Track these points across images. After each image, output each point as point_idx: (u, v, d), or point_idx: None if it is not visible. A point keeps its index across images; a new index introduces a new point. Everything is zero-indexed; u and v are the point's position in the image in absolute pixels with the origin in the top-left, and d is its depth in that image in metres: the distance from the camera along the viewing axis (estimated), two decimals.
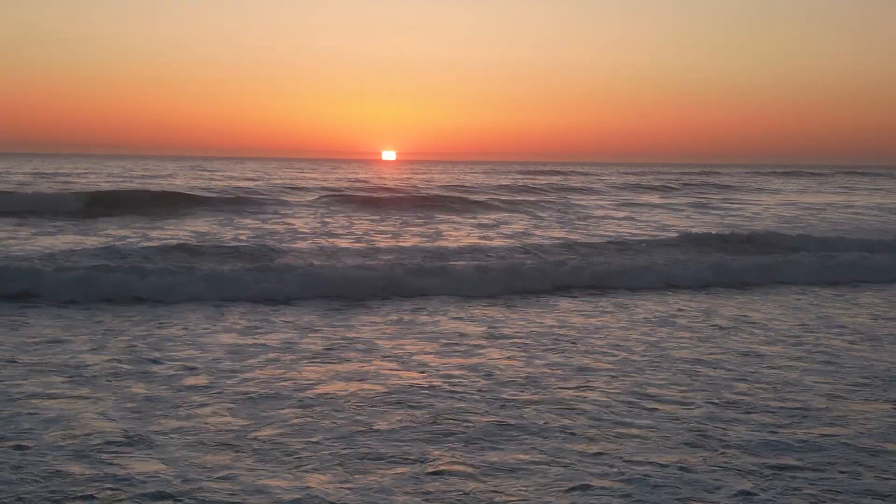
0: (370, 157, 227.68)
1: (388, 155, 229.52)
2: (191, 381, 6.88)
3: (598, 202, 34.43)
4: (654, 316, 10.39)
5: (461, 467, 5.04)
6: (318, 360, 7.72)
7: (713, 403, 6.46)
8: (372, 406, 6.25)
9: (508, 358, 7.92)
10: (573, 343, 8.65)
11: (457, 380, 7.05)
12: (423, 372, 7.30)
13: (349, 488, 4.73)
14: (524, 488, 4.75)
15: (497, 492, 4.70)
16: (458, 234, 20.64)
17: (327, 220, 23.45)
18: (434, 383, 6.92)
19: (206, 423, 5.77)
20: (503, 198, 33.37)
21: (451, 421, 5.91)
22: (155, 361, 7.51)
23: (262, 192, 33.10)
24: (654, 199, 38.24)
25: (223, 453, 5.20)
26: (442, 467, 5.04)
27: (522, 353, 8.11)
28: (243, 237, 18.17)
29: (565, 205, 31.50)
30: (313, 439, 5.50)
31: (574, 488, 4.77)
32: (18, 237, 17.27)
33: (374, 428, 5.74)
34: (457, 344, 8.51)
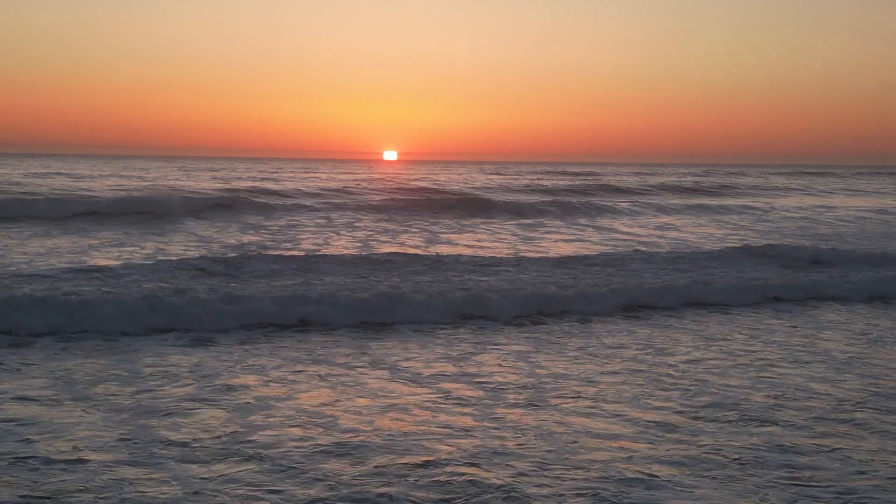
0: (371, 156, 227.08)
1: (390, 155, 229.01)
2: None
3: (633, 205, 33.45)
4: None
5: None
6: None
7: None
8: (370, 415, 6.17)
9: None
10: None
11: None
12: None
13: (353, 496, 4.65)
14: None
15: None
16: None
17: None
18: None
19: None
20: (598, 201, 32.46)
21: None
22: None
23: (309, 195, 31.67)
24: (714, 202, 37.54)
25: (224, 464, 5.10)
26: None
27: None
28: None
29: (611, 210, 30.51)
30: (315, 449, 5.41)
31: (583, 494, 4.71)
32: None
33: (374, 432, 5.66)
34: None
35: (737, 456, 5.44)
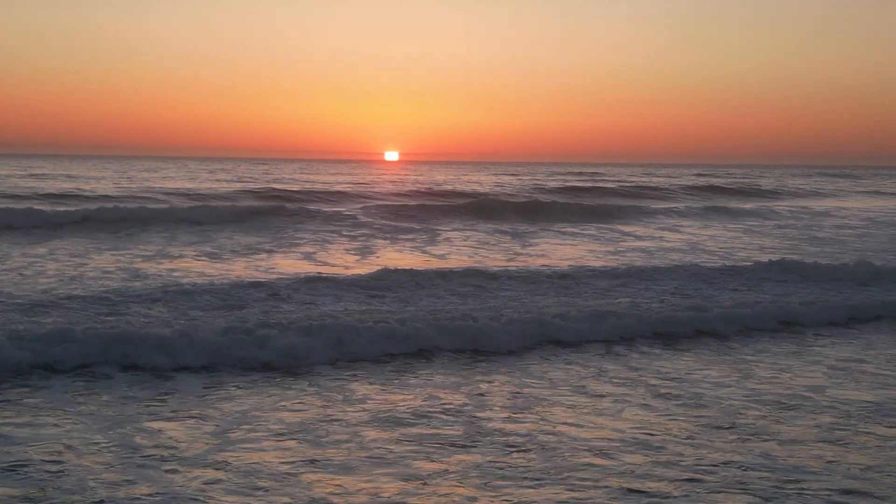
0: (372, 157, 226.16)
1: (391, 155, 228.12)
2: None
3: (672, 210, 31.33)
4: None
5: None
6: None
7: None
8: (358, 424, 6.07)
9: None
10: None
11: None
12: None
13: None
14: None
15: None
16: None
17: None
18: None
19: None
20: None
21: None
22: None
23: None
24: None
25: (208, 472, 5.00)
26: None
27: None
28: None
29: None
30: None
31: None
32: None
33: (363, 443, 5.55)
34: None
35: (736, 470, 5.32)
